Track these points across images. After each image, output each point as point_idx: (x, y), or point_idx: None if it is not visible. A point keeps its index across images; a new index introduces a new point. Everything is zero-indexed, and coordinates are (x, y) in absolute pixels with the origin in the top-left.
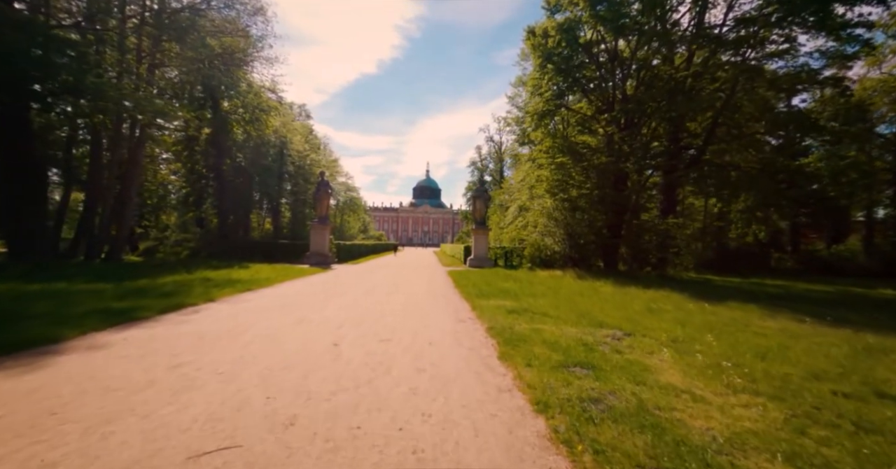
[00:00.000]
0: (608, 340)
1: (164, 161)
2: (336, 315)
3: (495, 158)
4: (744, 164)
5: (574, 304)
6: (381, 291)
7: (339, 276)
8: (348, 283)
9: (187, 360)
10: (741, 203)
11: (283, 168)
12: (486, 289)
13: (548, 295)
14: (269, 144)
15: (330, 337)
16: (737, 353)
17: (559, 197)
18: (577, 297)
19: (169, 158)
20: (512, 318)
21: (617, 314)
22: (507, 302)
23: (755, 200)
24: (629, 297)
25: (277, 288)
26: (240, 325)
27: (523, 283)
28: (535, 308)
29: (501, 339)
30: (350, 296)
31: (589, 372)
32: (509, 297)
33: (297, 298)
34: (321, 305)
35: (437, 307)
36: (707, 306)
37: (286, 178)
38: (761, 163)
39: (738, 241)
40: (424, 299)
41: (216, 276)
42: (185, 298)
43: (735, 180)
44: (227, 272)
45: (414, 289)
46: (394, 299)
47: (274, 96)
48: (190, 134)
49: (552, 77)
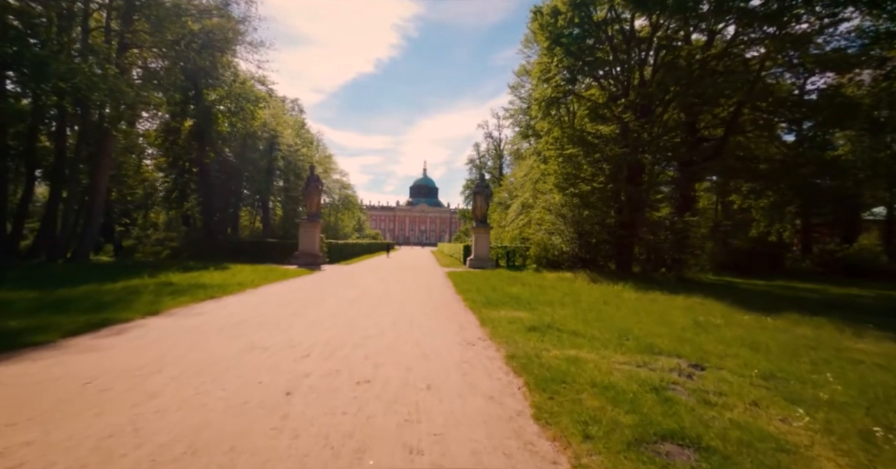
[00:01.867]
0: (678, 377)
1: (151, 156)
2: (305, 336)
3: (494, 156)
4: (767, 156)
5: (602, 316)
6: (371, 299)
7: (326, 279)
8: (334, 288)
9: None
10: (764, 200)
11: (273, 163)
12: (493, 295)
13: (566, 303)
14: (258, 138)
15: (284, 378)
16: (884, 402)
17: (569, 192)
18: (601, 307)
19: (154, 153)
20: (534, 338)
21: (662, 331)
22: (522, 313)
23: (785, 195)
24: (661, 306)
25: (248, 295)
26: (162, 358)
27: (533, 288)
28: (559, 322)
29: (531, 379)
30: (331, 306)
31: (694, 457)
32: (522, 305)
33: (264, 309)
34: (290, 321)
35: (437, 322)
36: (767, 320)
37: (276, 174)
38: (787, 155)
39: (758, 242)
40: (421, 310)
41: (181, 281)
42: (118, 312)
43: (765, 172)
44: (197, 275)
45: (409, 295)
46: (384, 311)
47: (264, 88)
48: (172, 125)
49: (562, 59)
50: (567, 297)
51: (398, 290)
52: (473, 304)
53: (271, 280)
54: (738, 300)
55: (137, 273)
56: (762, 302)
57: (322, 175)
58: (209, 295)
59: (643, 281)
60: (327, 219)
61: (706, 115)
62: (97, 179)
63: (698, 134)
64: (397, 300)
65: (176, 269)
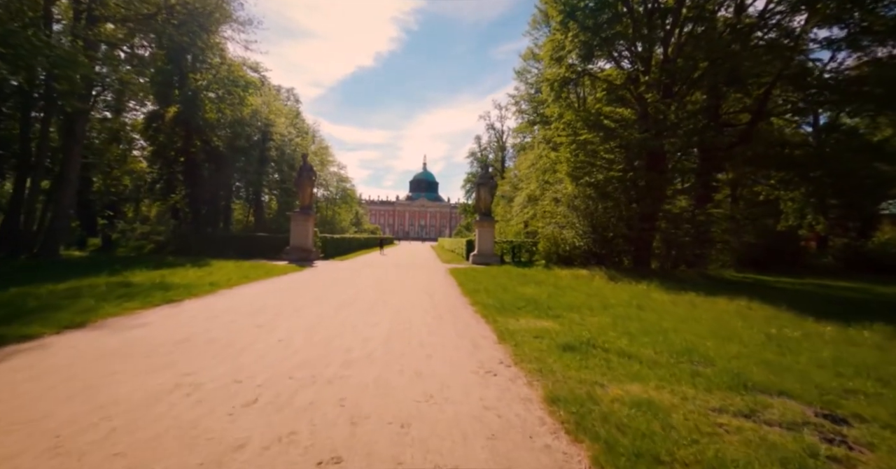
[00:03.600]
0: (822, 442)
1: (141, 146)
2: (262, 365)
3: (496, 148)
4: (800, 142)
5: (646, 326)
6: (362, 305)
7: (315, 278)
8: (321, 289)
9: None
10: (795, 191)
11: (266, 153)
12: (506, 297)
13: (594, 308)
14: (249, 127)
15: (197, 457)
16: None
17: (583, 181)
18: (638, 313)
19: (143, 143)
20: (575, 363)
21: (733, 350)
22: (546, 322)
23: (822, 184)
24: (706, 312)
25: (217, 298)
26: (22, 410)
27: (550, 288)
28: (598, 336)
29: (598, 450)
30: (311, 315)
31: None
32: (543, 311)
33: (225, 320)
34: (250, 338)
35: (443, 337)
36: (852, 332)
37: (269, 165)
38: (826, 140)
39: (777, 236)
40: (422, 319)
41: (143, 280)
42: (29, 324)
43: (800, 159)
44: (168, 273)
45: (408, 298)
46: (376, 321)
47: (257, 75)
48: (156, 112)
49: (577, 34)
50: (592, 299)
51: (395, 291)
52: (485, 310)
53: (252, 278)
54: (791, 304)
55: (99, 270)
56: (819, 306)
57: (318, 167)
58: (167, 298)
59: (667, 279)
60: (324, 213)
61: (731, 99)
62: (67, 168)
63: (721, 119)
64: (393, 305)
65: (148, 266)
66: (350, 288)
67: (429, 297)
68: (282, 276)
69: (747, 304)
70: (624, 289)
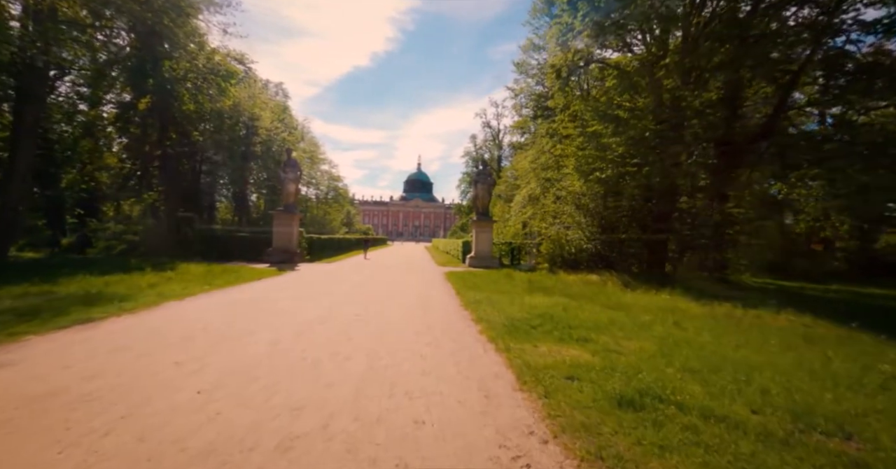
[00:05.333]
0: None
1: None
2: (151, 445)
3: (493, 146)
4: (826, 134)
5: (705, 356)
6: (335, 325)
7: (288, 286)
8: (289, 301)
9: None
10: (819, 189)
11: (250, 149)
12: (514, 311)
13: (625, 326)
14: (231, 119)
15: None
16: None
17: (593, 177)
18: (683, 335)
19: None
20: (649, 437)
21: (864, 405)
22: (574, 349)
23: (861, 183)
24: (764, 334)
25: (151, 315)
26: None
27: (561, 298)
28: (652, 375)
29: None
30: (262, 342)
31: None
32: (565, 332)
33: (135, 353)
34: (156, 389)
35: (439, 378)
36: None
37: (255, 161)
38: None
39: (794, 238)
40: (412, 347)
41: (74, 290)
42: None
43: (834, 153)
44: (115, 280)
45: (396, 314)
46: (348, 351)
47: (242, 68)
48: (129, 101)
49: (587, 13)
50: (617, 313)
51: (382, 302)
52: (492, 331)
53: (215, 286)
54: (848, 318)
55: (34, 275)
56: (887, 321)
57: (307, 165)
58: (86, 316)
59: (687, 287)
60: (314, 212)
61: (753, 88)
62: (16, 159)
63: (739, 111)
64: (376, 325)
65: (99, 271)
66: (326, 298)
67: (422, 312)
68: (252, 283)
69: (803, 320)
70: (645, 299)
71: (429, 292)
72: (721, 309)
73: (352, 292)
